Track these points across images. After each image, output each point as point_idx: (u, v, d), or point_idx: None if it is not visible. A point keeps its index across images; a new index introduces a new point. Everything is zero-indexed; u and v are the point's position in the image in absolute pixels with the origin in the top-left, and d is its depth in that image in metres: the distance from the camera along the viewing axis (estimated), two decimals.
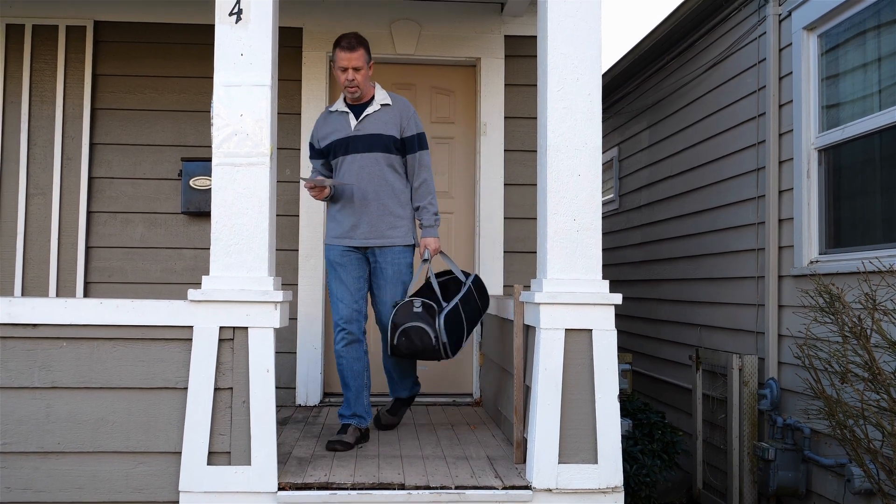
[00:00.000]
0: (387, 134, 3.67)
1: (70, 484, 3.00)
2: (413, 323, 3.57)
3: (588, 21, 3.20)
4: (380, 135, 3.66)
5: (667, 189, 6.47)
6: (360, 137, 3.67)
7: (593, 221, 3.16)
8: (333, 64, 3.65)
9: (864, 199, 4.16)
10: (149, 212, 4.90)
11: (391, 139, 3.67)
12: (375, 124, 3.68)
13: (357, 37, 3.64)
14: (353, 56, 3.58)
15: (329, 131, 3.73)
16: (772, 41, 4.83)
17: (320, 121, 3.80)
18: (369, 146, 3.65)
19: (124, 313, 3.04)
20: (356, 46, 3.60)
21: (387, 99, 3.73)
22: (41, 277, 4.81)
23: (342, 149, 3.69)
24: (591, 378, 3.10)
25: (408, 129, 3.73)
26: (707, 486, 5.38)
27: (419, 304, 3.62)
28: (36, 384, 3.02)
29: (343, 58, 3.59)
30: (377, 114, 3.70)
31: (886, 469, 3.37)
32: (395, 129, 3.69)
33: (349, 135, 3.68)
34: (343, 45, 3.60)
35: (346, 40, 3.62)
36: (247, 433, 3.01)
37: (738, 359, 4.83)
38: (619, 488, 3.07)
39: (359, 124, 3.68)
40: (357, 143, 3.67)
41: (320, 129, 3.77)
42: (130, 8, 4.91)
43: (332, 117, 3.76)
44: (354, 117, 3.70)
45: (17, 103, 4.87)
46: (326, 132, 3.74)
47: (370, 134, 3.66)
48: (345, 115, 3.73)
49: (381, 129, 3.67)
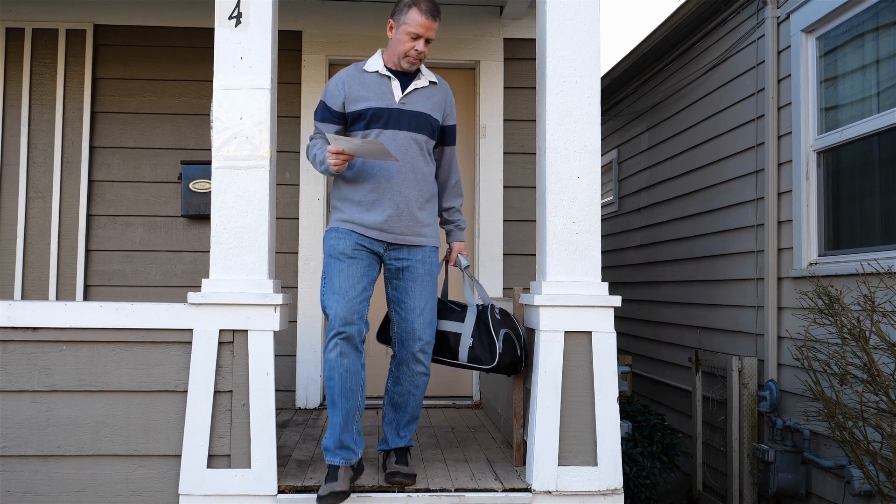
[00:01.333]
0: (433, 116, 3.15)
1: (70, 487, 3.00)
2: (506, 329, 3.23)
3: (587, 24, 3.21)
4: (427, 115, 3.13)
5: (666, 191, 6.47)
6: (406, 113, 3.09)
7: (592, 223, 3.16)
8: (396, 24, 3.07)
9: (863, 201, 4.16)
10: (149, 215, 4.91)
11: (436, 123, 3.17)
12: (424, 102, 3.14)
13: (437, 4, 3.10)
14: (433, 25, 3.04)
15: (364, 94, 3.09)
16: (771, 43, 4.84)
17: (349, 79, 3.12)
18: (415, 125, 3.10)
19: (124, 316, 3.04)
20: (438, 14, 3.06)
21: (434, 77, 3.22)
22: (41, 281, 4.81)
23: (381, 120, 3.07)
24: (590, 380, 3.10)
25: (450, 117, 3.26)
26: (707, 487, 5.37)
27: (498, 310, 3.29)
28: (36, 387, 3.02)
29: (422, 24, 3.02)
30: (425, 90, 3.17)
31: (886, 471, 3.37)
32: (439, 113, 3.19)
33: (392, 105, 3.08)
34: (424, 9, 3.02)
35: (429, 4, 3.04)
36: (247, 436, 3.01)
37: (738, 361, 4.83)
38: (618, 490, 3.07)
39: (405, 97, 3.11)
40: (401, 119, 3.08)
41: (351, 88, 3.10)
42: (130, 11, 4.92)
43: (369, 79, 3.12)
44: (400, 87, 3.12)
45: (17, 107, 4.87)
46: (360, 94, 3.09)
47: (418, 112, 3.11)
48: (386, 79, 3.12)
49: (429, 108, 3.15)
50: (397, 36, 3.07)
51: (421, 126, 3.11)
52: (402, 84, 3.13)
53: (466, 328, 3.27)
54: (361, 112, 3.08)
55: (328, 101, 3.13)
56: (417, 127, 3.10)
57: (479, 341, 3.24)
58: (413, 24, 3.02)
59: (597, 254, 3.16)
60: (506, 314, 3.30)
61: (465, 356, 3.25)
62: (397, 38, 3.07)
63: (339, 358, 2.95)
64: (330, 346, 2.96)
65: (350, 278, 3.00)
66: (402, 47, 3.06)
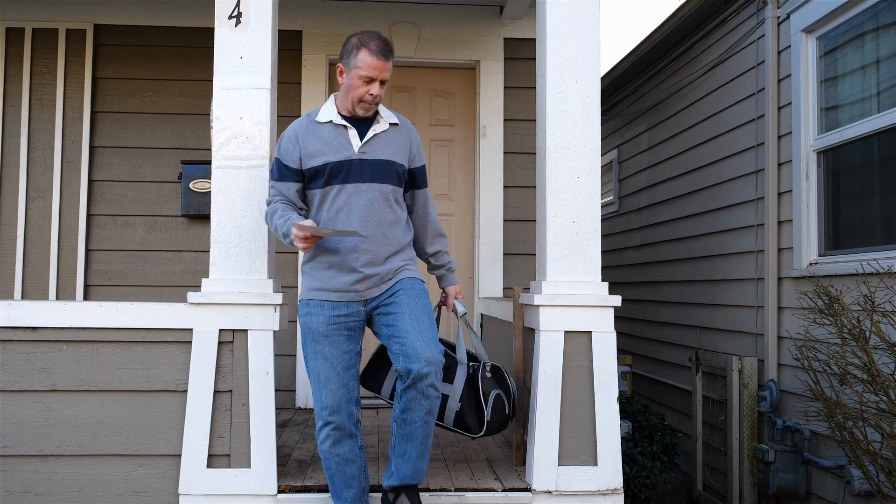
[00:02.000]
0: (398, 161, 2.91)
1: (69, 487, 3.00)
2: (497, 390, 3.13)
3: (587, 23, 3.21)
4: (391, 161, 2.89)
5: (666, 191, 6.47)
6: (367, 163, 2.85)
7: (593, 223, 3.17)
8: (346, 68, 2.83)
9: (863, 201, 4.16)
10: (149, 215, 4.91)
11: (402, 168, 2.92)
12: (385, 147, 2.90)
13: (387, 39, 2.86)
14: (387, 65, 2.81)
15: (320, 148, 2.84)
16: (771, 43, 4.84)
17: (303, 133, 2.87)
18: (379, 175, 2.86)
19: (124, 316, 3.04)
20: (390, 53, 2.83)
21: (393, 117, 2.96)
22: (41, 280, 4.81)
23: (341, 175, 2.83)
24: (590, 380, 3.10)
25: (417, 158, 3.00)
26: (707, 487, 5.37)
27: (489, 367, 3.17)
28: (36, 387, 3.02)
29: (374, 66, 2.78)
30: (386, 134, 2.92)
31: (886, 471, 3.37)
32: (404, 157, 2.94)
33: (351, 157, 2.84)
34: (374, 50, 2.78)
35: (379, 43, 2.80)
36: (246, 436, 3.01)
37: (738, 360, 4.83)
38: (618, 490, 3.07)
39: (364, 145, 2.87)
40: (363, 170, 2.84)
41: (306, 143, 2.85)
42: (130, 11, 4.92)
43: (324, 130, 2.88)
44: (358, 135, 2.88)
45: (17, 107, 4.87)
46: (317, 149, 2.84)
47: (380, 160, 2.87)
48: (342, 129, 2.87)
49: (391, 154, 2.90)
50: (349, 81, 2.82)
51: (385, 175, 2.87)
52: (360, 131, 2.88)
53: (455, 390, 3.12)
54: (319, 168, 2.83)
55: (284, 159, 2.86)
56: (382, 177, 2.86)
57: (467, 406, 3.12)
58: (364, 67, 2.77)
59: (597, 254, 3.16)
60: (497, 371, 3.20)
61: (450, 420, 3.13)
62: (349, 82, 2.82)
63: (333, 448, 2.81)
64: (322, 437, 2.81)
65: (331, 361, 2.81)
66: (354, 93, 2.81)
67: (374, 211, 2.85)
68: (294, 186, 2.88)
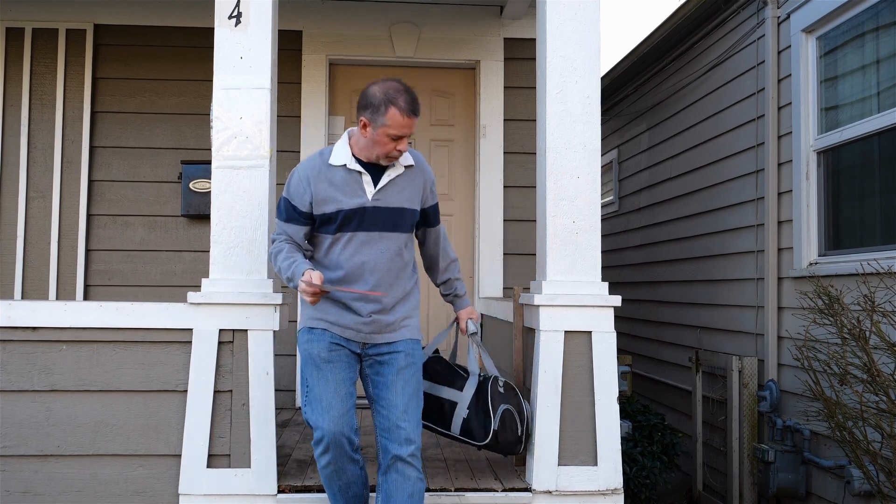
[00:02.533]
0: (411, 208, 2.81)
1: (70, 487, 3.00)
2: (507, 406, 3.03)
3: (587, 23, 3.21)
4: (404, 209, 2.78)
5: (666, 191, 6.47)
6: (381, 211, 2.74)
7: (593, 223, 3.16)
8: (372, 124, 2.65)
9: (863, 201, 4.16)
10: (149, 215, 4.91)
11: (414, 214, 2.84)
12: (399, 194, 2.78)
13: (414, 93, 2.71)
14: (414, 123, 2.68)
15: (333, 194, 2.72)
16: (771, 43, 4.84)
17: (316, 176, 2.73)
18: (391, 223, 2.76)
19: (124, 316, 3.04)
20: (419, 109, 2.70)
21: (409, 158, 2.81)
22: (41, 280, 4.81)
23: (353, 223, 2.72)
24: (590, 380, 3.10)
25: (430, 198, 2.90)
26: (707, 487, 5.37)
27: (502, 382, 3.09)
28: (36, 387, 3.02)
29: (405, 124, 2.64)
30: (400, 179, 2.78)
31: (886, 471, 3.37)
32: (417, 201, 2.84)
33: (365, 204, 2.72)
34: (405, 108, 2.63)
35: (409, 100, 2.65)
36: (246, 436, 3.01)
37: (738, 360, 4.83)
38: (618, 490, 3.07)
39: (378, 192, 2.74)
40: (376, 218, 2.74)
41: (318, 187, 2.72)
42: (130, 11, 4.92)
43: (337, 175, 2.74)
44: (371, 181, 2.75)
45: (17, 107, 4.87)
46: (329, 194, 2.72)
47: (394, 208, 2.76)
48: (356, 175, 2.74)
49: (405, 201, 2.79)
50: (374, 136, 2.66)
51: (397, 223, 2.78)
52: (375, 177, 2.75)
53: (464, 397, 3.07)
54: (331, 215, 2.72)
55: (294, 200, 2.74)
56: (394, 225, 2.77)
57: (474, 414, 3.05)
58: (395, 126, 2.63)
59: (597, 253, 3.16)
60: (510, 388, 3.11)
61: (457, 428, 3.07)
62: (374, 138, 2.66)
63: (336, 473, 2.68)
64: (323, 463, 2.66)
65: (333, 385, 2.69)
66: (381, 149, 2.68)
67: (385, 261, 2.76)
68: (302, 230, 2.77)
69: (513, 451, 3.10)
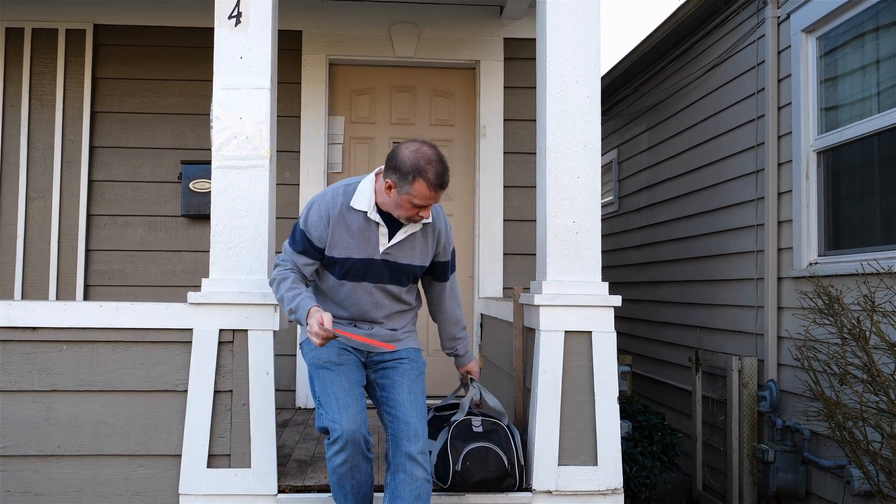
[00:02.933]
0: (419, 264, 2.82)
1: (70, 487, 3.00)
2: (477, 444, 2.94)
3: (587, 23, 3.21)
4: (412, 265, 2.79)
5: (666, 191, 6.47)
6: (389, 265, 2.76)
7: (593, 223, 3.16)
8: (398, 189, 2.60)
9: (863, 201, 4.16)
10: (148, 215, 4.91)
11: (422, 269, 2.85)
12: (411, 251, 2.78)
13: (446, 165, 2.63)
14: (441, 195, 2.66)
15: (347, 241, 2.71)
16: (771, 43, 4.84)
17: (335, 215, 2.71)
18: (396, 277, 2.79)
19: (124, 316, 3.04)
20: (448, 181, 2.65)
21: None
22: (41, 280, 4.81)
23: (360, 273, 2.75)
24: (590, 380, 3.10)
25: (443, 254, 2.88)
26: (707, 487, 5.37)
27: (478, 422, 3.01)
28: (36, 387, 3.02)
29: (430, 197, 2.61)
30: (415, 235, 2.78)
31: (886, 471, 3.37)
32: (429, 256, 2.83)
33: (374, 257, 2.73)
34: (433, 183, 2.58)
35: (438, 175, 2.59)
36: (247, 436, 3.01)
37: (738, 360, 4.83)
38: (618, 490, 3.07)
39: (391, 247, 2.74)
40: (382, 272, 2.76)
41: (335, 228, 2.71)
42: (130, 11, 4.92)
43: (355, 221, 2.72)
44: (387, 234, 2.73)
45: (16, 107, 4.87)
46: (343, 241, 2.71)
47: (401, 264, 2.77)
48: (373, 225, 2.72)
49: (416, 258, 2.79)
50: (398, 199, 2.63)
51: (401, 278, 2.79)
52: (391, 230, 2.74)
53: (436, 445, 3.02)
54: (339, 261, 2.73)
55: (311, 234, 2.72)
56: (398, 279, 2.79)
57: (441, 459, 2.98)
58: (420, 198, 2.60)
59: (597, 253, 3.16)
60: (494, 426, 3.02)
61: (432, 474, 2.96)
62: (397, 201, 2.63)
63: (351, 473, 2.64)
64: (338, 462, 2.60)
65: (347, 386, 2.68)
66: (403, 212, 2.66)
67: (388, 304, 2.82)
68: (313, 265, 2.77)
69: (499, 486, 2.99)
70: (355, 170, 5.10)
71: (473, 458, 2.93)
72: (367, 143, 5.14)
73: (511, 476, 2.98)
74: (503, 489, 3.01)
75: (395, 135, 5.14)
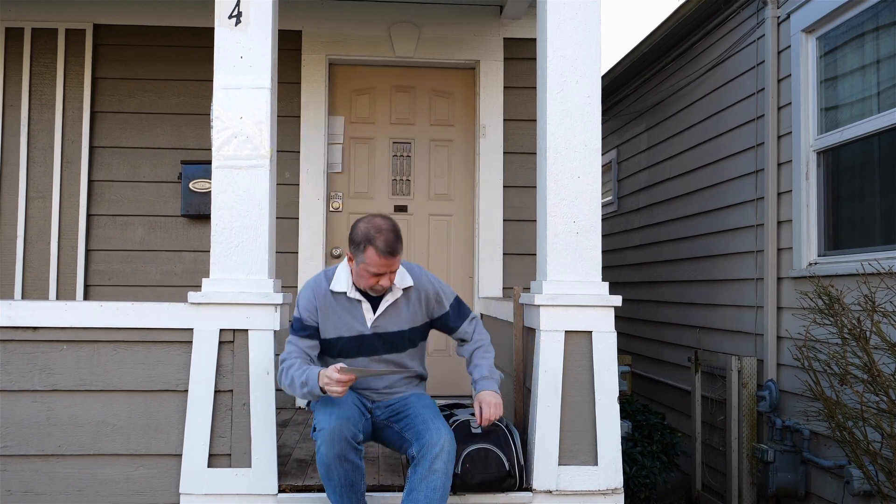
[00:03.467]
0: (413, 328, 2.95)
1: (70, 486, 3.00)
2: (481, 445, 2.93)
3: (587, 23, 3.21)
4: (404, 332, 2.93)
5: (666, 191, 6.48)
6: (380, 336, 2.91)
7: (593, 223, 3.16)
8: (355, 258, 2.80)
9: (863, 201, 4.17)
10: (149, 214, 4.91)
11: (418, 332, 2.98)
12: (397, 318, 2.92)
13: (395, 231, 2.77)
14: (394, 262, 2.77)
15: (334, 322, 2.90)
16: (771, 43, 4.84)
17: (320, 299, 2.90)
18: (391, 346, 2.94)
19: (124, 316, 3.04)
20: (399, 249, 2.77)
21: (407, 278, 2.93)
22: (41, 280, 4.81)
23: (354, 350, 2.91)
24: (590, 380, 3.10)
25: (438, 308, 3.00)
26: (706, 487, 5.38)
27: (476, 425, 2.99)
28: (36, 387, 3.02)
29: (382, 264, 2.75)
30: (399, 302, 2.93)
31: (886, 470, 3.37)
32: (420, 318, 2.97)
33: (364, 332, 2.90)
34: (382, 250, 2.72)
35: (387, 242, 2.73)
36: (247, 435, 3.01)
37: (737, 360, 4.83)
38: (618, 490, 3.08)
39: (377, 319, 2.91)
40: (375, 344, 2.92)
41: (322, 311, 2.90)
42: (130, 11, 4.92)
43: (338, 301, 2.91)
44: (371, 308, 2.91)
45: (16, 106, 4.87)
46: (331, 322, 2.90)
47: (393, 332, 2.92)
48: (356, 303, 2.91)
49: (405, 323, 2.93)
50: (357, 270, 2.81)
51: (397, 346, 2.94)
52: (374, 304, 2.90)
53: None
54: (332, 342, 2.91)
55: (304, 319, 2.89)
56: (394, 347, 2.94)
57: None
58: (372, 265, 2.75)
59: (597, 253, 3.16)
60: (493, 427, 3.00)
61: None
62: (358, 272, 2.82)
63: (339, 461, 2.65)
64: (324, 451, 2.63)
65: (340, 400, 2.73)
66: (365, 282, 2.82)
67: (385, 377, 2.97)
68: (317, 348, 2.92)
69: (500, 487, 2.99)
70: (355, 170, 5.11)
71: (473, 460, 2.94)
72: (366, 142, 5.14)
73: (511, 476, 2.99)
74: (503, 489, 3.01)
75: (394, 135, 5.14)
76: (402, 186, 5.14)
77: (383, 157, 5.13)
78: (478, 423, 2.91)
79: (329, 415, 2.68)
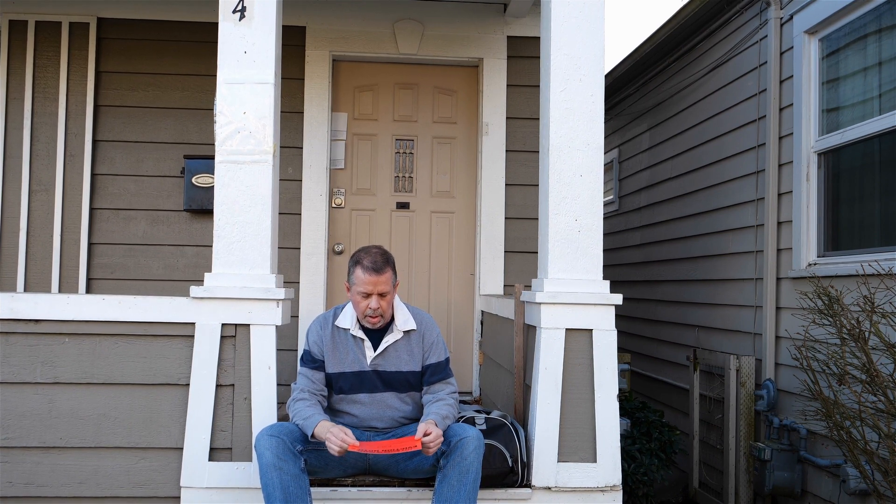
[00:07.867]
0: (410, 370, 3.04)
1: (72, 479, 3.02)
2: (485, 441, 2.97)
3: (591, 22, 3.22)
4: (403, 373, 3.03)
5: (667, 191, 6.49)
6: (380, 374, 3.03)
7: (595, 222, 3.18)
8: (350, 286, 2.97)
9: (863, 203, 4.18)
10: (151, 209, 4.92)
11: (415, 375, 3.06)
12: (397, 359, 3.04)
13: (383, 253, 2.94)
14: (379, 280, 2.88)
15: (338, 357, 3.04)
16: (773, 45, 4.85)
17: (327, 335, 3.05)
18: (390, 385, 3.04)
19: (126, 310, 3.06)
20: (383, 267, 2.90)
21: (410, 321, 3.05)
22: (44, 273, 4.82)
23: (355, 385, 3.03)
24: (590, 377, 3.12)
25: (430, 355, 3.07)
26: (703, 485, 5.40)
27: (482, 419, 3.11)
28: (38, 379, 3.03)
29: (368, 282, 2.88)
30: (400, 343, 3.05)
31: (882, 470, 3.39)
32: (418, 363, 3.06)
33: (364, 368, 3.02)
34: (367, 266, 2.88)
35: (370, 258, 2.90)
36: (248, 430, 3.02)
37: (736, 360, 4.85)
38: (617, 487, 3.09)
39: (377, 357, 3.03)
40: (375, 382, 3.03)
41: (328, 346, 3.04)
42: (134, 5, 4.92)
43: (341, 338, 3.05)
44: (372, 346, 3.03)
45: (20, 100, 4.88)
46: (337, 357, 3.04)
47: (392, 372, 3.03)
48: (359, 341, 3.04)
49: (403, 364, 3.04)
50: (352, 297, 2.98)
51: (395, 385, 3.04)
52: (374, 342, 3.03)
53: None
54: (334, 376, 3.04)
55: (313, 352, 3.05)
56: (392, 386, 3.04)
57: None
58: (360, 283, 2.90)
59: (598, 252, 3.17)
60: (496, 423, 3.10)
61: None
62: (353, 298, 2.97)
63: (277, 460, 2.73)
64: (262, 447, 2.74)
65: None
66: (358, 308, 2.96)
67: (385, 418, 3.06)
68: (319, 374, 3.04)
69: (502, 482, 3.03)
70: (358, 166, 5.12)
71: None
72: (369, 139, 5.15)
73: (514, 473, 3.03)
74: (505, 485, 3.03)
75: (397, 132, 5.15)
76: (404, 183, 5.15)
77: (386, 154, 5.14)
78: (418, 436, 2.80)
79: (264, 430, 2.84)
